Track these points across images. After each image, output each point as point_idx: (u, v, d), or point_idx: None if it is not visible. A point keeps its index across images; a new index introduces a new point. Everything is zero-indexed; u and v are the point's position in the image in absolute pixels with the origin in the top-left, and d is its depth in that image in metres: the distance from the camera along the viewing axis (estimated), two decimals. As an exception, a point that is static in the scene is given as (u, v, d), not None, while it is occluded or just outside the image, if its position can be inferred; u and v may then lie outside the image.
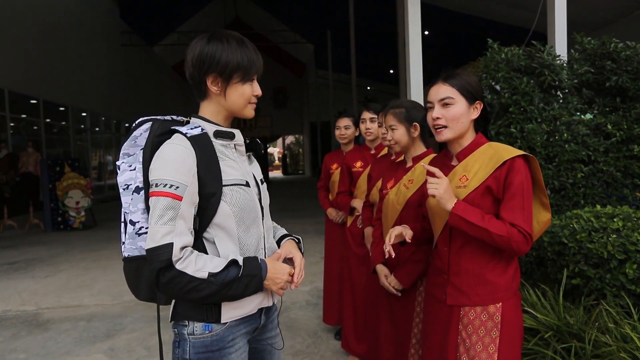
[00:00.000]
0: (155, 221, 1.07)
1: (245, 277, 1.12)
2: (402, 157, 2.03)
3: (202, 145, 1.13)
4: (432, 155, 1.88)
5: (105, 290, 4.35)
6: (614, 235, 2.45)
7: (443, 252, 1.47)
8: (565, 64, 3.43)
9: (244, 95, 1.21)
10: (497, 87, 3.31)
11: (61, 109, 12.21)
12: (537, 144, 3.13)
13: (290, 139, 32.49)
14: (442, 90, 1.42)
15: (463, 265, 1.41)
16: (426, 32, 13.85)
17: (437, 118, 1.41)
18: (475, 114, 1.44)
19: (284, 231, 1.41)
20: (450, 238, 1.45)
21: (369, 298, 2.41)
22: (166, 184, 1.08)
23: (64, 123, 12.40)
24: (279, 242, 1.35)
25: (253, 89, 1.23)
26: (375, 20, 12.92)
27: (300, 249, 1.33)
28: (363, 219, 2.44)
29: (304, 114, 25.45)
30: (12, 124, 10.24)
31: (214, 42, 1.17)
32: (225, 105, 1.21)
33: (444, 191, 1.34)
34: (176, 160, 1.09)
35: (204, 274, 1.08)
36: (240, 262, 1.13)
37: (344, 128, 2.93)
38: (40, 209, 8.54)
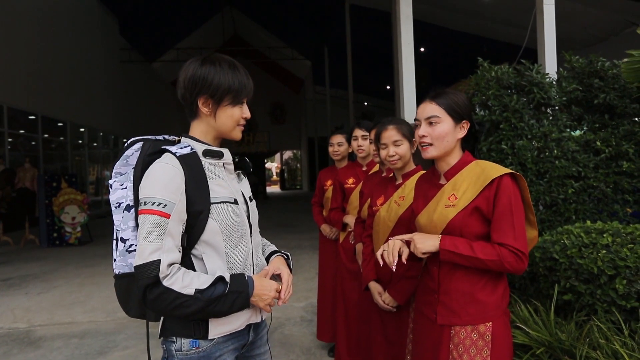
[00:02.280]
0: (144, 238, 1.09)
1: (231, 293, 1.13)
2: (391, 174, 2.06)
3: (190, 164, 1.17)
4: (421, 172, 1.91)
5: (99, 307, 4.32)
6: (604, 251, 2.47)
7: (433, 272, 1.47)
8: (554, 82, 3.50)
9: (233, 117, 1.24)
10: (490, 103, 3.37)
11: (59, 124, 12.27)
12: (528, 160, 3.18)
13: (288, 154, 32.60)
14: (428, 108, 1.45)
15: (453, 284, 1.41)
16: (422, 49, 14.06)
17: (423, 136, 1.44)
18: (462, 133, 1.46)
19: (273, 247, 1.43)
20: (440, 259, 1.45)
21: (362, 314, 2.41)
22: (154, 202, 1.10)
23: (62, 139, 12.45)
24: (268, 258, 1.37)
25: (242, 112, 1.26)
26: (372, 37, 13.12)
27: (288, 265, 1.35)
28: (355, 235, 2.46)
29: (302, 129, 25.59)
30: (10, 140, 10.28)
31: (207, 65, 1.21)
32: (215, 126, 1.24)
33: (420, 240, 1.39)
34: (164, 179, 1.12)
35: (190, 291, 1.09)
36: (227, 279, 1.14)
37: (337, 145, 2.96)
38: (36, 225, 8.51)
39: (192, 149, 1.20)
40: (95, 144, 14.66)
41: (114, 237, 1.22)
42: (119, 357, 3.14)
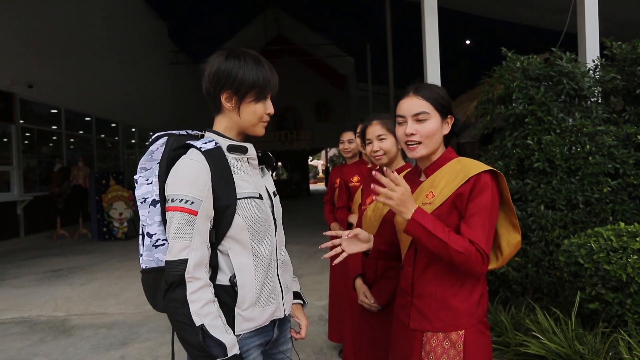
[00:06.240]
0: (173, 235, 1.11)
1: None
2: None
3: (216, 159, 1.16)
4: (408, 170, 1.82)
5: (130, 299, 4.52)
6: (635, 257, 2.23)
7: (407, 273, 1.40)
8: (590, 71, 3.22)
9: (256, 113, 1.23)
10: (514, 96, 3.15)
11: (112, 125, 13.01)
12: (557, 157, 2.94)
13: (333, 151, 32.61)
14: (415, 104, 1.34)
15: (426, 287, 1.33)
16: (467, 42, 13.51)
17: (412, 134, 1.33)
18: (446, 129, 1.38)
19: (297, 286, 1.46)
20: (415, 258, 1.37)
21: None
22: (182, 199, 1.11)
23: (116, 138, 13.21)
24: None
25: (266, 108, 1.25)
26: (413, 31, 12.77)
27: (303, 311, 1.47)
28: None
29: (346, 126, 25.42)
30: (72, 140, 11.05)
31: (231, 60, 1.20)
32: (237, 122, 1.24)
33: (400, 199, 1.20)
34: (191, 176, 1.13)
35: (199, 321, 1.09)
36: (229, 353, 1.11)
37: (348, 142, 2.90)
38: (89, 220, 9.09)
39: (216, 143, 1.20)
40: (146, 143, 15.40)
41: (140, 232, 1.23)
42: (138, 349, 3.26)
